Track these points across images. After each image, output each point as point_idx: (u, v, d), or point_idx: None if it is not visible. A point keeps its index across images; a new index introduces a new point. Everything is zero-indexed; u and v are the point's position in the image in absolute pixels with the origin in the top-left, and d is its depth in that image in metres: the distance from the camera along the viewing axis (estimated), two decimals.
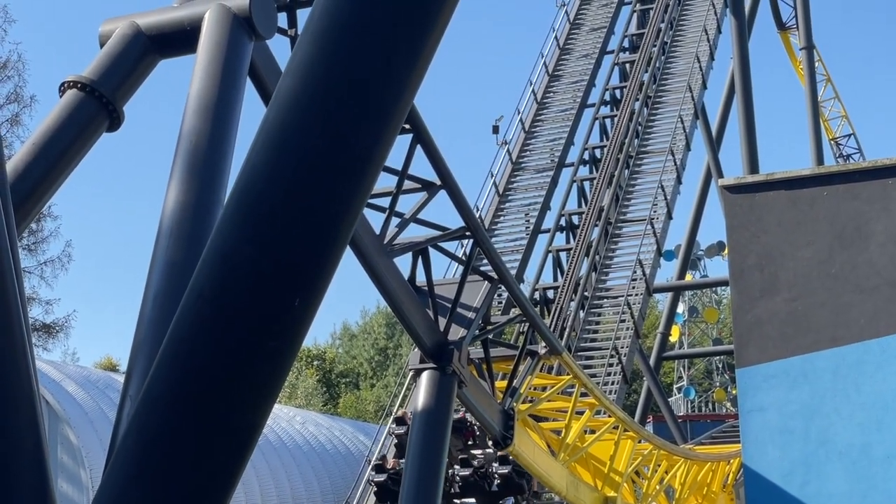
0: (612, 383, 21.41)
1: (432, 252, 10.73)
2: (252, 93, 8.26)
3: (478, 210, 24.32)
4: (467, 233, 10.93)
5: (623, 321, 22.59)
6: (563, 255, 24.35)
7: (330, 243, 3.88)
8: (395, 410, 16.75)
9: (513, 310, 17.58)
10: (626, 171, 25.92)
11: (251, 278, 3.84)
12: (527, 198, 26.11)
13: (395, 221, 10.34)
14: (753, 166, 32.85)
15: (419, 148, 10.04)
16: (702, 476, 20.30)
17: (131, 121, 7.98)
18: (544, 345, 13.46)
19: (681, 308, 54.90)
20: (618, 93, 28.16)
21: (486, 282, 11.74)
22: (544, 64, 29.13)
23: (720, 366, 69.59)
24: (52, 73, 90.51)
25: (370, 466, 16.29)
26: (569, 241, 24.73)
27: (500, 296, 19.80)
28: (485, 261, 11.80)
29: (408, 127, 9.72)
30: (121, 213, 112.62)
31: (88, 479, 26.30)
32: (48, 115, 7.68)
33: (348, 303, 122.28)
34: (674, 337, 54.54)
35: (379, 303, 78.23)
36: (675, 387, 66.05)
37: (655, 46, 28.90)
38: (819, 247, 13.58)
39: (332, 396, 76.30)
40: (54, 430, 26.65)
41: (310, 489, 36.25)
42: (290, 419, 39.91)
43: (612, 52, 29.76)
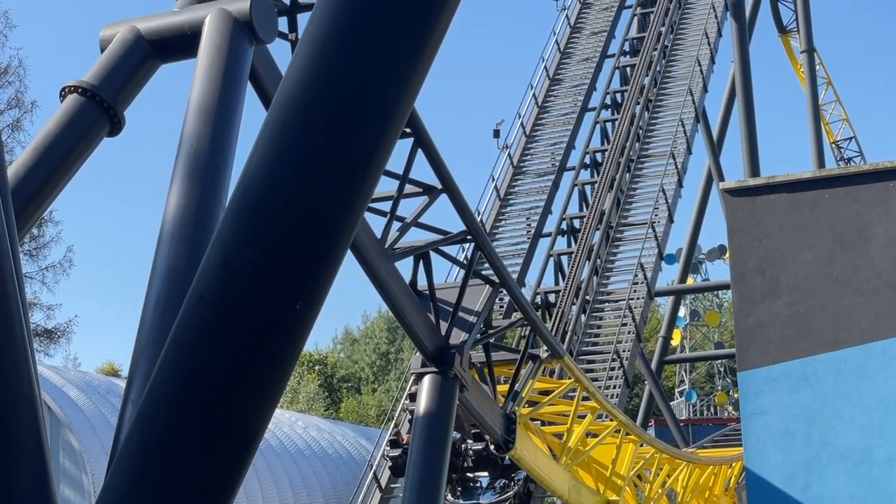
0: (614, 387, 21.40)
1: (434, 256, 10.73)
2: (253, 97, 8.26)
3: (479, 214, 24.33)
4: (468, 237, 10.93)
5: (624, 325, 22.59)
6: (564, 258, 24.33)
7: (331, 247, 3.88)
8: (392, 419, 16.78)
9: (514, 314, 17.60)
10: (628, 174, 25.91)
11: (252, 282, 3.84)
12: (528, 202, 26.12)
13: (396, 225, 10.34)
14: (754, 169, 32.84)
15: (420, 152, 10.04)
16: (704, 480, 20.30)
17: (132, 125, 7.98)
18: (546, 349, 13.46)
19: (682, 312, 54.83)
20: (619, 96, 28.15)
21: (488, 286, 11.75)
22: (545, 68, 29.14)
23: (722, 369, 69.56)
24: (52, 78, 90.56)
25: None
26: (570, 245, 24.71)
27: (501, 300, 19.80)
28: (486, 265, 11.80)
29: (409, 131, 9.71)
30: (122, 217, 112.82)
31: (90, 484, 26.31)
32: (49, 120, 7.68)
33: (350, 307, 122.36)
34: (675, 340, 54.49)
35: (380, 307, 78.32)
36: (676, 390, 66.02)
37: (656, 50, 28.89)
38: (820, 250, 13.56)
39: (334, 401, 76.30)
40: (56, 435, 26.67)
41: (311, 494, 36.26)
42: (292, 424, 39.92)
43: (613, 55, 29.77)
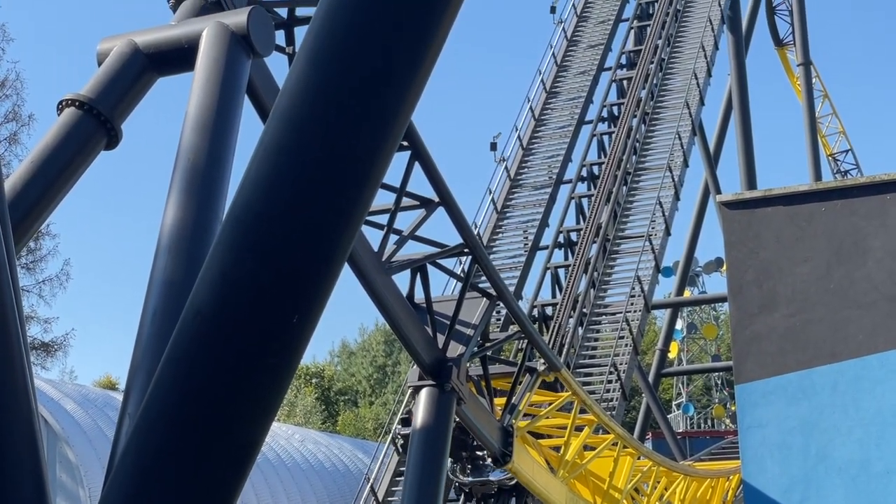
0: (611, 400, 21.37)
1: (431, 269, 10.74)
2: (250, 110, 8.28)
3: (476, 227, 24.31)
4: (465, 250, 10.93)
5: (622, 337, 22.56)
6: (561, 271, 24.32)
7: (328, 259, 3.88)
8: (389, 433, 16.71)
9: (511, 326, 17.58)
10: (624, 187, 25.92)
11: (249, 295, 3.84)
12: (525, 215, 26.09)
13: (393, 238, 10.35)
14: (751, 182, 32.91)
15: (417, 165, 10.05)
16: (701, 492, 20.28)
17: (129, 138, 7.98)
18: (543, 361, 13.45)
19: (679, 324, 54.84)
20: (615, 109, 28.18)
21: (485, 298, 11.75)
22: (542, 81, 29.14)
23: (719, 382, 69.48)
24: (50, 91, 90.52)
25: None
26: (567, 258, 24.70)
27: (498, 312, 19.77)
28: (483, 278, 11.80)
29: (406, 144, 9.73)
30: (119, 230, 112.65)
31: (87, 498, 26.25)
32: (46, 133, 7.68)
33: (347, 320, 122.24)
34: (672, 353, 54.52)
35: (377, 320, 78.15)
36: (674, 403, 65.97)
37: (653, 63, 28.93)
38: (817, 262, 13.57)
39: (331, 414, 76.19)
40: (53, 449, 26.62)
41: None
42: (289, 437, 39.85)
43: (610, 68, 29.78)
